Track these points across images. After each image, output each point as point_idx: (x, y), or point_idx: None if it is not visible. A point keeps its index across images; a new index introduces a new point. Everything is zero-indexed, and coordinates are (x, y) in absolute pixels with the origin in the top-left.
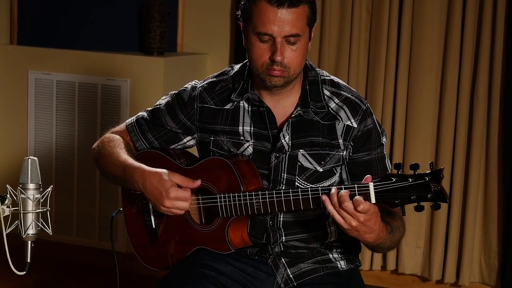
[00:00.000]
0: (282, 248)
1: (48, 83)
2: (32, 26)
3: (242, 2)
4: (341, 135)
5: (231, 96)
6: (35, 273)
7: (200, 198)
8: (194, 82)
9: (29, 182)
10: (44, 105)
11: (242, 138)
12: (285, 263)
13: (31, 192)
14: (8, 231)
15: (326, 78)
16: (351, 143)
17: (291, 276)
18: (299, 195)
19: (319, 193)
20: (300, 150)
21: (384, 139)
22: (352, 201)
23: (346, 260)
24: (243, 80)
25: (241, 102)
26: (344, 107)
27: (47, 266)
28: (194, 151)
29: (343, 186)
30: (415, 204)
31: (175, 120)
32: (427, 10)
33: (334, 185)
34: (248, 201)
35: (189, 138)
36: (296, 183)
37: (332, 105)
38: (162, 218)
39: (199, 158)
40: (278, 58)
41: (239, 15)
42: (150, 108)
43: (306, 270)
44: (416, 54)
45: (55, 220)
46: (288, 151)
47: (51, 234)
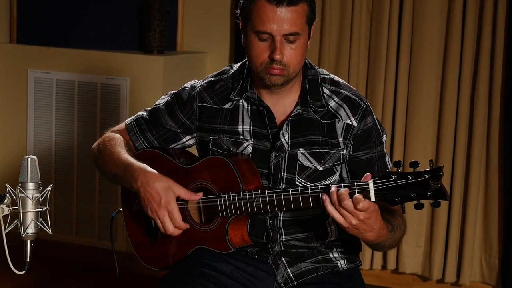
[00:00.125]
0: (282, 248)
1: (47, 82)
2: (32, 25)
3: (241, 1)
4: (341, 134)
5: (231, 95)
6: (34, 272)
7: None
8: (193, 82)
9: (28, 181)
10: (43, 104)
11: (241, 137)
12: (285, 263)
13: (31, 191)
14: (7, 231)
15: (326, 76)
16: (351, 141)
17: (291, 275)
18: (298, 193)
19: (318, 191)
20: (300, 149)
21: (384, 138)
22: (352, 199)
23: (346, 260)
24: (243, 79)
25: (240, 101)
26: (344, 106)
27: (47, 265)
28: (194, 151)
29: (342, 184)
30: (415, 202)
31: (174, 120)
32: (428, 8)
33: (334, 184)
34: (247, 200)
35: (188, 138)
36: (296, 182)
37: (331, 103)
38: None
39: (199, 157)
40: (278, 57)
41: (238, 14)
42: (149, 108)
43: (306, 269)
44: (417, 52)
45: (54, 219)
46: (287, 150)
47: (50, 233)
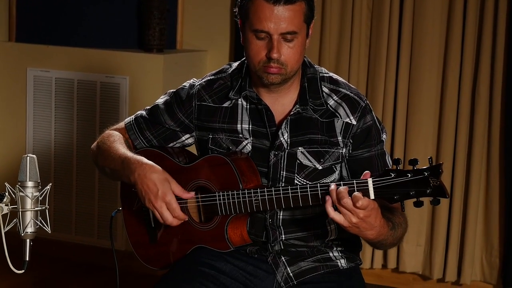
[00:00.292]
0: (282, 247)
1: (46, 80)
2: (31, 23)
3: None
4: (340, 133)
5: (229, 94)
6: (33, 271)
7: (199, 196)
8: (192, 80)
9: (27, 180)
10: (42, 102)
11: (240, 136)
12: (285, 262)
13: (30, 190)
14: (6, 229)
15: (325, 75)
16: (351, 140)
17: (291, 274)
18: (298, 192)
19: (318, 190)
20: (299, 148)
21: (384, 136)
22: (351, 197)
23: (346, 259)
24: (241, 78)
25: (239, 100)
26: (343, 104)
27: (46, 264)
28: (193, 150)
29: (341, 182)
30: (414, 199)
31: (173, 119)
32: (428, 7)
33: (333, 183)
34: (247, 198)
35: (187, 136)
36: (296, 181)
37: (331, 102)
38: None
39: (198, 156)
40: (275, 55)
41: (236, 12)
42: (148, 107)
43: (306, 268)
44: (417, 51)
45: (54, 218)
46: (287, 149)
47: (49, 232)
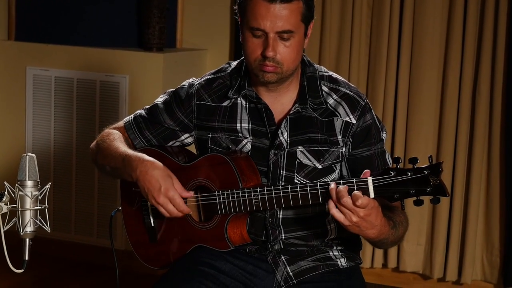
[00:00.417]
0: (282, 246)
1: (46, 79)
2: (30, 22)
3: None
4: (339, 132)
5: (229, 93)
6: (33, 270)
7: (198, 195)
8: (191, 80)
9: (27, 179)
10: (42, 101)
11: (240, 135)
12: (284, 261)
13: (29, 189)
14: (6, 229)
15: (324, 74)
16: (350, 139)
17: (291, 274)
18: (297, 191)
19: (317, 188)
20: (299, 147)
21: (384, 135)
22: (351, 196)
23: (346, 258)
24: (240, 77)
25: (238, 99)
26: (343, 103)
27: (45, 264)
28: (193, 149)
29: (341, 181)
30: (414, 198)
31: (172, 118)
32: (429, 5)
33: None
34: (246, 197)
35: (187, 136)
36: (295, 180)
37: (330, 101)
38: (161, 217)
39: (197, 155)
40: (270, 54)
41: (236, 10)
42: (147, 106)
43: (306, 268)
44: (418, 49)
45: (53, 218)
46: (286, 148)
47: (49, 231)
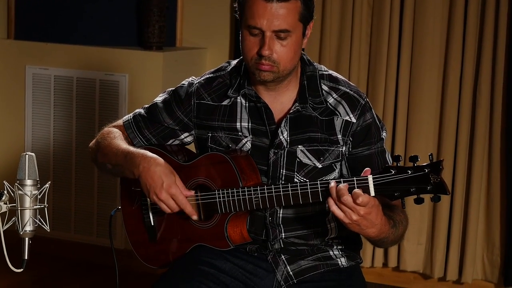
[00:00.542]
0: (282, 245)
1: (45, 78)
2: (30, 21)
3: None
4: (339, 131)
5: (228, 92)
6: (32, 270)
7: (198, 194)
8: (191, 79)
9: (26, 178)
10: (41, 100)
11: (240, 134)
12: (285, 260)
13: (29, 188)
14: (5, 228)
15: (324, 73)
16: (350, 138)
17: (291, 273)
18: (297, 189)
19: (318, 187)
20: (299, 146)
21: (384, 134)
22: (351, 194)
23: (347, 257)
24: (240, 76)
25: (238, 98)
26: (343, 102)
27: (45, 263)
28: (193, 148)
29: (342, 179)
30: (415, 196)
31: (172, 117)
32: (429, 4)
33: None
34: (246, 196)
35: (186, 135)
36: (295, 179)
37: (330, 100)
38: (161, 216)
39: (197, 154)
40: (266, 52)
41: (236, 8)
42: (147, 105)
43: (306, 267)
44: (418, 48)
45: (52, 217)
46: (286, 147)
47: (48, 230)
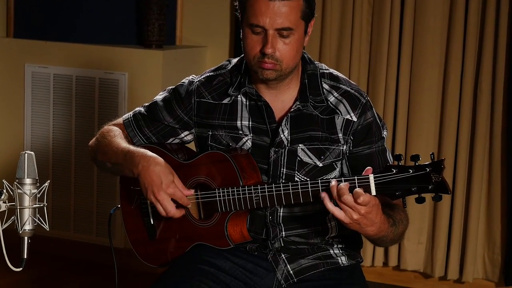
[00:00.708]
0: (282, 244)
1: (45, 76)
2: (29, 19)
3: None
4: (340, 129)
5: (229, 90)
6: (32, 269)
7: (198, 193)
8: (191, 77)
9: (25, 177)
10: (41, 98)
11: (240, 133)
12: (285, 259)
13: (28, 187)
14: (4, 227)
15: (325, 71)
16: (351, 137)
17: (291, 272)
18: (298, 188)
19: (318, 186)
20: (300, 145)
21: (385, 133)
22: (352, 193)
23: (347, 256)
24: (241, 74)
25: (238, 96)
26: (344, 101)
27: (44, 262)
28: (193, 146)
29: (343, 178)
30: (416, 195)
31: (172, 115)
32: (430, 2)
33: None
34: (247, 195)
35: (186, 133)
36: (296, 178)
37: (331, 99)
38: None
39: (197, 152)
40: (269, 51)
41: (237, 6)
42: (147, 104)
43: (306, 266)
44: (419, 46)
45: (52, 216)
46: (287, 146)
47: (48, 229)
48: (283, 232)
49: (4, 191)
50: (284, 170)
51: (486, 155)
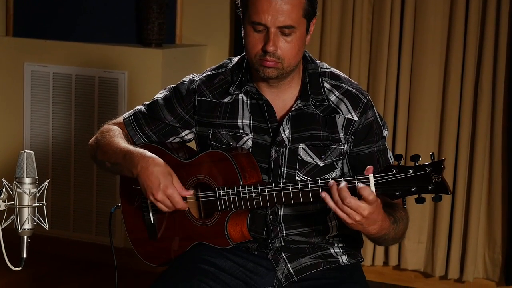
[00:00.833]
0: (283, 243)
1: (44, 75)
2: (28, 18)
3: None
4: (341, 129)
5: (230, 89)
6: (31, 268)
7: (199, 192)
8: (192, 75)
9: (25, 176)
10: (40, 97)
11: (241, 132)
12: (285, 258)
13: (27, 186)
14: (4, 226)
15: (326, 70)
16: (352, 136)
17: (291, 271)
18: (298, 188)
19: (318, 186)
20: (301, 144)
21: (386, 132)
22: (358, 190)
23: (347, 255)
24: (242, 73)
25: (240, 95)
26: (345, 100)
27: (44, 261)
28: (193, 145)
29: (342, 178)
30: (416, 196)
31: (173, 114)
32: (430, 1)
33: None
34: (247, 194)
35: (187, 132)
36: (297, 178)
37: (332, 98)
38: (161, 214)
39: (198, 151)
40: (271, 49)
41: (238, 5)
42: (147, 102)
43: (307, 265)
44: (419, 45)
45: (51, 215)
46: (288, 145)
47: (47, 229)
48: (284, 231)
49: (4, 190)
50: (285, 169)
51: (486, 154)
